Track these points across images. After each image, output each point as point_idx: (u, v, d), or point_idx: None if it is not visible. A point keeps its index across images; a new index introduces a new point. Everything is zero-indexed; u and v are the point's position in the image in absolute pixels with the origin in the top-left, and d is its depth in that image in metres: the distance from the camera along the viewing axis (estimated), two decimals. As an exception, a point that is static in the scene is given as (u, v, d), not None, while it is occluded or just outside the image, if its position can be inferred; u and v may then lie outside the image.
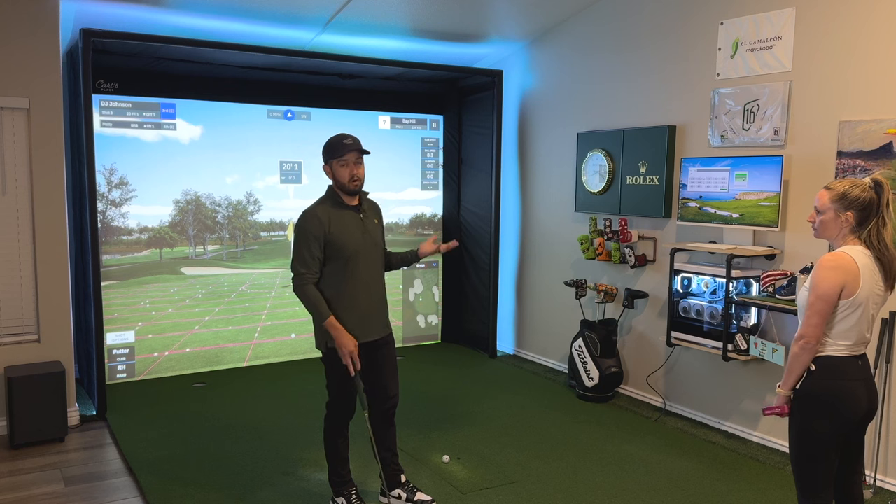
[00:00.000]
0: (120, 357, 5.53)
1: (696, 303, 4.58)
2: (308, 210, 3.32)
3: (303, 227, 3.27)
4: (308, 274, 3.25)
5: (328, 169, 3.39)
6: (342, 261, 3.30)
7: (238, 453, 4.23)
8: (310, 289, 3.25)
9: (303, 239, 3.26)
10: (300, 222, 3.29)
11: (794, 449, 2.68)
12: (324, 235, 3.26)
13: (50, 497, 3.70)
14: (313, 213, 3.29)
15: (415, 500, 3.56)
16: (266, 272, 6.11)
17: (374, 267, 3.43)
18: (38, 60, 4.43)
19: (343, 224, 3.32)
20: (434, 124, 6.75)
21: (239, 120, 5.83)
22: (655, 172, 4.97)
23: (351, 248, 3.31)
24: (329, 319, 3.24)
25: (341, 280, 3.31)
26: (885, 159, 3.75)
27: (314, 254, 3.26)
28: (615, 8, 5.33)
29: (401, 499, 3.58)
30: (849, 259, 2.55)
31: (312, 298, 3.26)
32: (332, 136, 3.42)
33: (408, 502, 3.57)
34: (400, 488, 3.60)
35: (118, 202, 5.45)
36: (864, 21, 3.88)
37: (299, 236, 3.27)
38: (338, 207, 3.35)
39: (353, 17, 5.20)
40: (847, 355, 2.58)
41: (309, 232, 3.25)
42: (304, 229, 3.27)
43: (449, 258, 6.88)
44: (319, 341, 3.42)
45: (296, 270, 3.26)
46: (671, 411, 5.02)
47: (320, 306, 3.25)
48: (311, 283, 3.26)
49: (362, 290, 3.37)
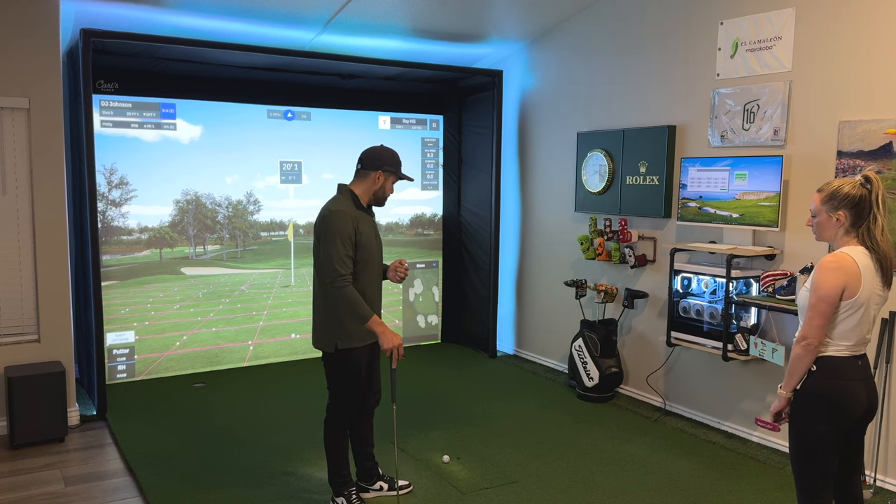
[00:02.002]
0: (120, 357, 5.53)
1: (696, 303, 4.58)
2: (339, 210, 3.27)
3: (338, 227, 3.21)
4: (347, 275, 3.21)
5: (378, 176, 3.37)
6: (362, 263, 3.30)
7: (238, 453, 4.23)
8: (350, 290, 3.19)
9: (339, 238, 3.20)
10: (335, 222, 3.22)
11: (794, 449, 2.68)
12: (355, 236, 3.26)
13: (50, 497, 3.70)
14: (346, 213, 3.26)
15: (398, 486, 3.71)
16: (266, 272, 6.11)
17: (379, 271, 3.46)
18: (39, 60, 4.43)
19: (365, 227, 3.34)
20: (434, 124, 6.75)
21: (239, 120, 5.83)
22: (655, 172, 4.98)
23: (370, 251, 3.33)
24: (373, 318, 3.20)
25: (360, 281, 3.31)
26: (885, 159, 3.75)
27: (349, 253, 3.23)
28: (615, 8, 5.33)
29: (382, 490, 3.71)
30: (850, 260, 2.55)
31: (354, 299, 3.19)
32: (388, 149, 3.47)
33: (391, 490, 3.69)
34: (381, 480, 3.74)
35: (118, 202, 5.45)
36: (865, 21, 3.88)
37: (335, 236, 3.20)
38: (360, 210, 3.35)
39: (353, 17, 5.20)
40: (848, 356, 2.59)
41: (344, 231, 3.22)
42: (340, 229, 3.21)
43: (449, 258, 6.88)
44: (327, 342, 3.36)
45: (336, 272, 3.18)
46: (671, 411, 5.02)
47: (361, 308, 3.19)
48: (350, 283, 3.21)
49: (375, 291, 3.40)
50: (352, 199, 3.35)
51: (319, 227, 3.28)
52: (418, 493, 3.75)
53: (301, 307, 6.23)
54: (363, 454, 3.66)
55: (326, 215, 3.26)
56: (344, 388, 3.43)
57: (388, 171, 3.39)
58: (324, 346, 3.39)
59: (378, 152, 3.42)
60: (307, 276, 6.28)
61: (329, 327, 3.33)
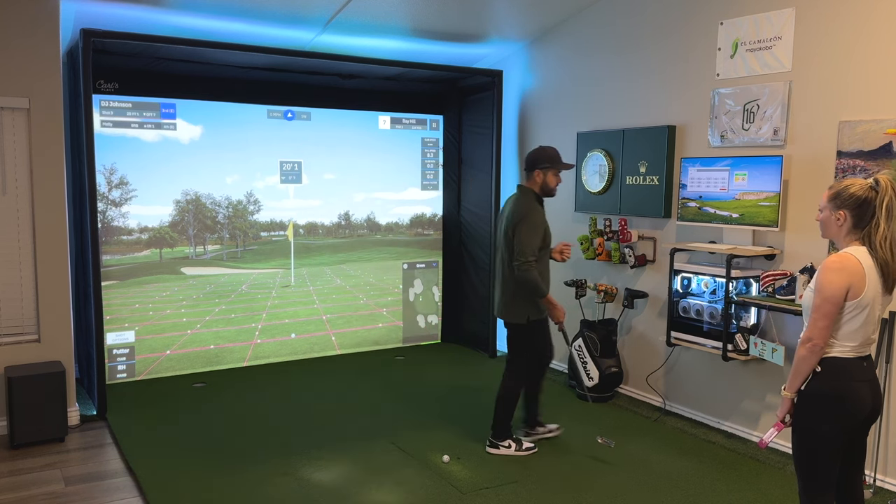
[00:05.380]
0: (120, 357, 5.53)
1: (696, 303, 4.58)
2: (534, 206, 4.00)
3: (535, 221, 3.95)
4: (534, 261, 3.92)
5: (540, 174, 4.07)
6: (544, 251, 4.03)
7: (238, 453, 4.23)
8: (534, 273, 3.92)
9: (534, 230, 3.93)
10: (533, 216, 3.95)
11: (796, 449, 2.67)
12: (542, 228, 3.98)
13: (50, 497, 3.70)
14: (535, 209, 3.97)
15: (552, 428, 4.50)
16: (266, 272, 6.11)
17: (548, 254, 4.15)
18: (39, 60, 4.43)
19: (544, 219, 4.05)
20: (434, 124, 6.75)
21: (239, 120, 5.83)
22: (655, 172, 4.98)
23: (547, 240, 4.04)
24: (548, 296, 4.04)
25: (542, 266, 4.02)
26: (885, 159, 3.75)
27: (538, 243, 3.95)
28: (615, 8, 5.33)
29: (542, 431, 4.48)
30: (853, 260, 2.53)
31: (536, 281, 3.93)
32: (544, 148, 4.13)
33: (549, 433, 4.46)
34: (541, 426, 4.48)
35: (118, 202, 5.45)
36: (864, 21, 3.88)
37: (531, 228, 3.92)
38: (541, 205, 4.07)
39: (353, 17, 5.20)
40: (853, 356, 2.57)
41: (539, 225, 3.96)
42: (536, 223, 3.95)
43: (449, 258, 6.88)
44: (519, 315, 4.10)
45: (525, 257, 3.90)
46: (671, 411, 5.02)
47: (541, 287, 3.97)
48: (534, 268, 3.92)
49: (546, 272, 4.10)
50: (534, 196, 4.06)
51: (517, 219, 3.96)
52: (418, 493, 3.75)
53: (301, 307, 6.24)
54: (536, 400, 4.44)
55: (527, 212, 3.95)
56: (532, 350, 4.23)
57: (545, 167, 4.06)
58: (516, 318, 4.11)
59: (533, 156, 4.13)
60: (307, 276, 6.28)
61: (521, 303, 4.06)
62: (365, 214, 6.51)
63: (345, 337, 6.42)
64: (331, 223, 6.35)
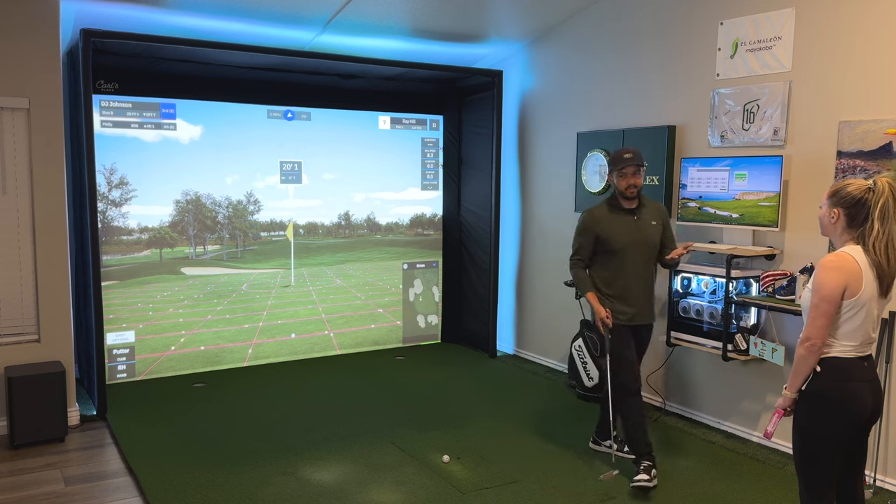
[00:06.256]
0: (120, 357, 5.53)
1: (696, 303, 4.58)
2: (588, 210, 4.04)
3: (580, 222, 4.03)
4: (578, 259, 4.02)
5: (611, 177, 3.99)
6: (611, 253, 3.95)
7: (238, 453, 4.23)
8: (579, 270, 4.03)
9: (578, 231, 4.03)
10: (581, 218, 4.05)
11: (797, 449, 2.67)
12: (594, 231, 3.95)
13: (50, 497, 3.70)
14: (590, 213, 4.02)
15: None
16: (266, 272, 6.11)
17: (641, 261, 3.98)
18: (39, 60, 4.43)
19: (614, 223, 3.95)
20: (434, 124, 6.75)
21: (239, 120, 5.83)
22: (655, 172, 4.98)
23: (619, 244, 3.93)
24: (589, 293, 3.99)
25: (611, 269, 3.97)
26: (885, 159, 3.75)
27: (583, 243, 4.00)
28: (615, 8, 5.33)
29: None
30: (850, 259, 2.54)
31: (579, 277, 4.03)
32: (617, 150, 4.04)
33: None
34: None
35: (118, 202, 5.45)
36: (864, 21, 3.88)
37: (578, 229, 4.04)
38: (613, 210, 3.98)
39: (353, 17, 5.20)
40: (854, 356, 2.57)
41: (582, 226, 4.01)
42: (580, 224, 4.03)
43: (449, 258, 6.88)
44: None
45: (574, 253, 4.04)
46: (671, 411, 5.02)
47: (584, 284, 4.01)
48: (580, 266, 4.02)
49: (631, 279, 3.96)
50: (607, 203, 4.03)
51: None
52: (418, 493, 3.75)
53: (301, 307, 6.24)
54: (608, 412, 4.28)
55: (584, 214, 4.05)
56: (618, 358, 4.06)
57: (612, 170, 4.00)
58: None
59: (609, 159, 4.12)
60: (307, 276, 6.28)
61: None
62: (365, 214, 6.51)
63: (345, 337, 6.42)
64: (331, 223, 6.35)
